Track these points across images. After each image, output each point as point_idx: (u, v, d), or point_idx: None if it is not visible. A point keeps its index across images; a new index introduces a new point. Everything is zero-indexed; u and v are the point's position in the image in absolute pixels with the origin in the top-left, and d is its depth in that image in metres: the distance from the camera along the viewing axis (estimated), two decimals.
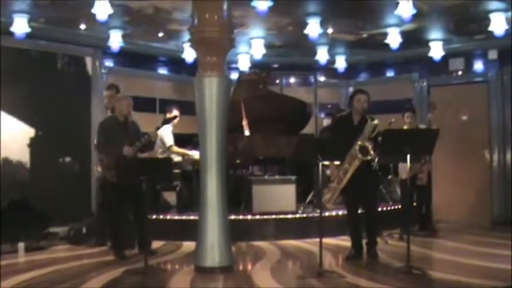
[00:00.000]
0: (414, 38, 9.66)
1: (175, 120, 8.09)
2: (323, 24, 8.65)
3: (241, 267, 6.51)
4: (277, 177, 9.04)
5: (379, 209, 7.62)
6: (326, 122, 10.43)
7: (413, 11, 7.68)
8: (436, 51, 10.15)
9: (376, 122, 6.52)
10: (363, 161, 6.47)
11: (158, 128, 7.27)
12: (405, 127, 8.16)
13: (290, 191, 8.56)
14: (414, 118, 8.40)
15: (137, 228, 7.10)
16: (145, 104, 9.85)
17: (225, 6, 6.21)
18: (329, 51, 10.58)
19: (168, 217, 8.47)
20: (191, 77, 6.60)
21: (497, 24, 8.40)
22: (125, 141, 6.97)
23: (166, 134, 8.84)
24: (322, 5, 8.19)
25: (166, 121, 7.53)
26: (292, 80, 11.96)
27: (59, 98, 8.96)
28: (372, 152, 6.41)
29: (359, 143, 6.45)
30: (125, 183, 6.72)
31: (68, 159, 9.20)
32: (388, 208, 9.22)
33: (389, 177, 9.87)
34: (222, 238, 6.08)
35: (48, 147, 8.90)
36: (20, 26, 8.22)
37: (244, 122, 9.04)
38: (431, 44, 10.12)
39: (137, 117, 7.70)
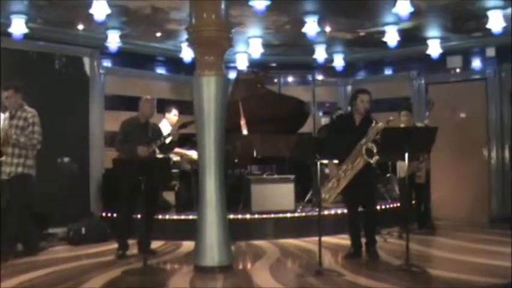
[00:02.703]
0: (412, 36, 9.67)
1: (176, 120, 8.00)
2: (321, 22, 8.66)
3: (240, 267, 6.51)
4: (275, 176, 9.05)
5: (378, 207, 7.61)
6: (324, 120, 10.43)
7: (411, 9, 7.70)
8: (434, 49, 10.17)
9: (381, 124, 6.49)
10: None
11: (177, 130, 7.25)
12: (401, 126, 8.15)
13: (289, 190, 8.56)
14: (411, 117, 8.40)
15: (143, 228, 6.98)
16: None
17: (222, 6, 6.20)
18: (327, 49, 10.58)
19: (167, 217, 8.46)
20: (189, 77, 6.61)
21: (495, 22, 8.42)
22: (143, 142, 6.97)
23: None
24: (320, 4, 8.19)
25: (183, 125, 7.34)
26: (290, 78, 11.94)
27: (57, 99, 8.93)
28: (377, 156, 6.38)
29: (367, 145, 6.41)
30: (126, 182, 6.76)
31: (66, 159, 9.18)
32: (387, 206, 9.24)
33: (388, 175, 9.87)
34: (221, 237, 6.07)
35: (46, 147, 8.85)
36: (18, 27, 8.23)
37: (242, 121, 9.04)
38: (429, 41, 10.13)
39: None
